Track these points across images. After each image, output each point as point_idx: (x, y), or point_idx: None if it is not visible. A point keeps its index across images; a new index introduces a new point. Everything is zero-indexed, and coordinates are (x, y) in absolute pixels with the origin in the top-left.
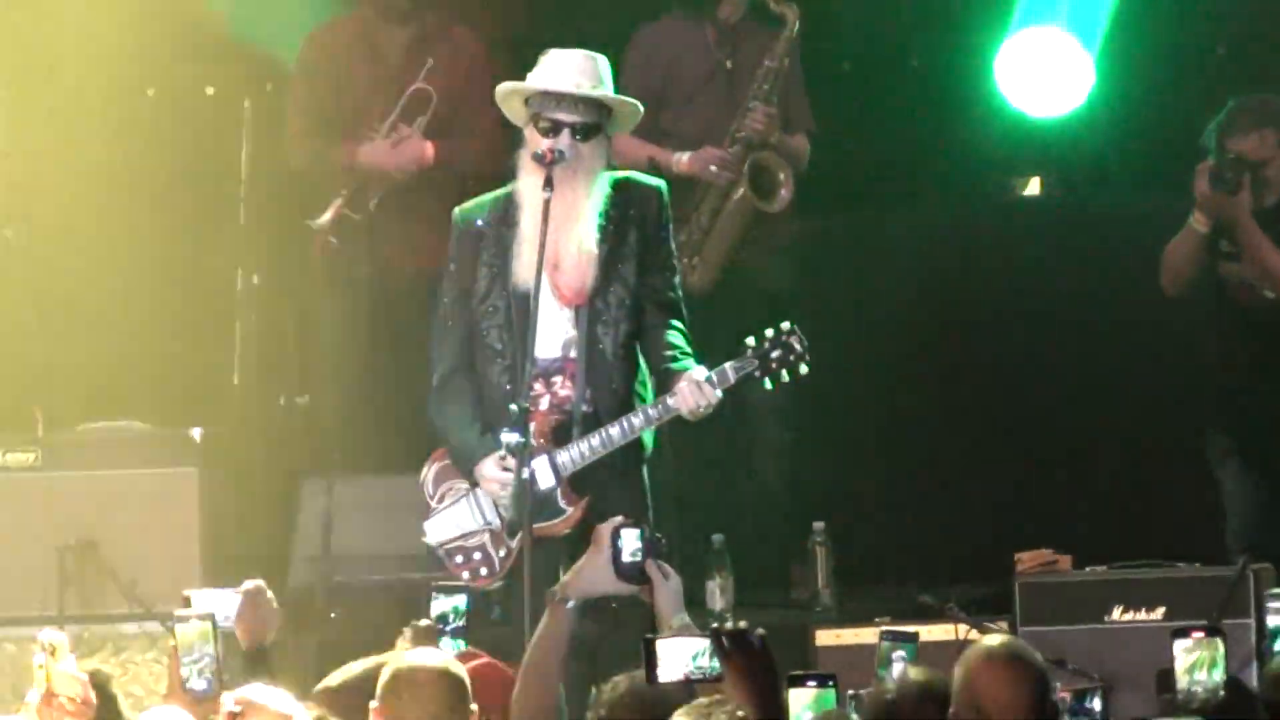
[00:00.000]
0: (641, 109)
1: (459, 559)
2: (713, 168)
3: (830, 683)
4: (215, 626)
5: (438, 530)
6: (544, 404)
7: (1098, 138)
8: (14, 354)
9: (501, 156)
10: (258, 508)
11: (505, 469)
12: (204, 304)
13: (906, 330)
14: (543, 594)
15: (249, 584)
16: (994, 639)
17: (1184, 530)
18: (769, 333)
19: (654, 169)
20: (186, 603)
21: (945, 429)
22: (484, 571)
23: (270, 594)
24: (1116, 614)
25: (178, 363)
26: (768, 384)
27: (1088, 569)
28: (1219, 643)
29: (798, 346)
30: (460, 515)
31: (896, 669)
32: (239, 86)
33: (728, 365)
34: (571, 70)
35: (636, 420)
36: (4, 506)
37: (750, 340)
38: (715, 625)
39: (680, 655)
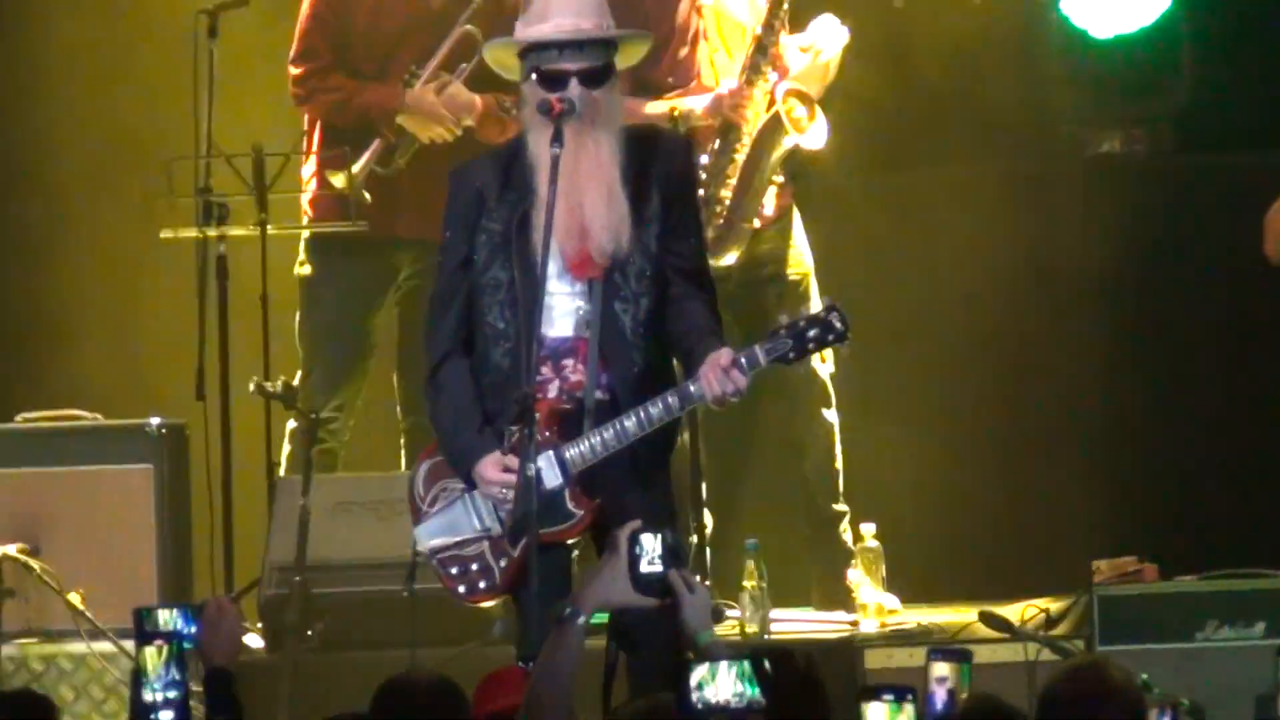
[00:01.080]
0: (650, 38)
1: (454, 569)
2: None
3: (909, 696)
4: (180, 646)
5: (430, 536)
6: (553, 390)
7: (1174, 77)
8: None
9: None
10: (223, 509)
11: (506, 469)
12: (161, 274)
13: (971, 308)
14: (550, 607)
15: (210, 598)
16: (1078, 658)
17: None
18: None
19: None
20: (141, 620)
21: (1013, 419)
22: (483, 584)
23: (237, 608)
24: (1209, 631)
25: (130, 344)
26: (801, 371)
27: (1175, 579)
28: None
29: (838, 325)
30: (455, 520)
31: (940, 697)
32: None
33: (758, 347)
34: (569, 10)
35: (654, 410)
36: None
37: (783, 318)
38: (755, 646)
39: (716, 681)
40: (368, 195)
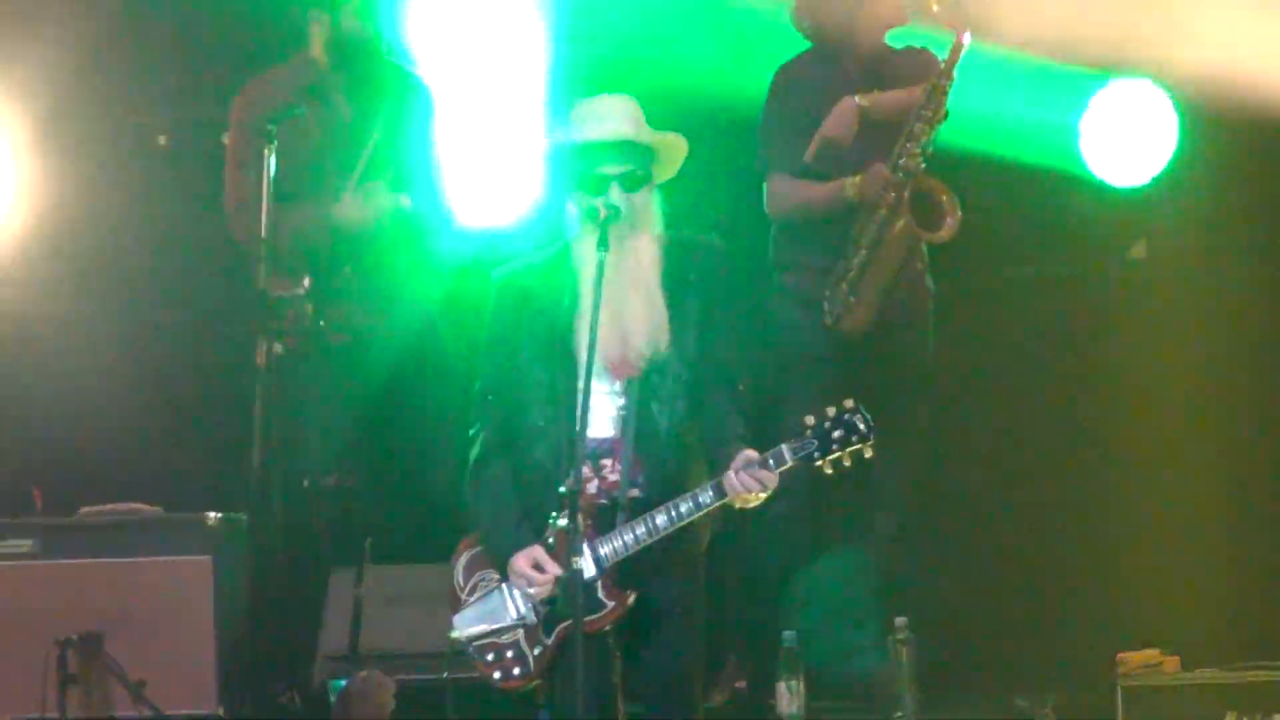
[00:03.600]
0: (685, 144)
1: (490, 656)
2: (881, 190)
3: None
4: None
5: (468, 624)
6: (591, 488)
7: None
8: (10, 428)
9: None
10: (279, 600)
11: (537, 565)
12: (220, 375)
13: (1000, 413)
14: (592, 691)
15: (365, 671)
16: None
17: None
18: (830, 410)
19: (827, 204)
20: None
21: (1041, 520)
22: (516, 671)
23: (389, 684)
24: None
25: (191, 440)
26: (829, 471)
27: (1198, 671)
28: None
29: (861, 426)
30: (493, 608)
31: None
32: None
33: (784, 446)
34: (609, 117)
35: (685, 507)
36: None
37: (809, 419)
38: None
39: None
40: (310, 307)
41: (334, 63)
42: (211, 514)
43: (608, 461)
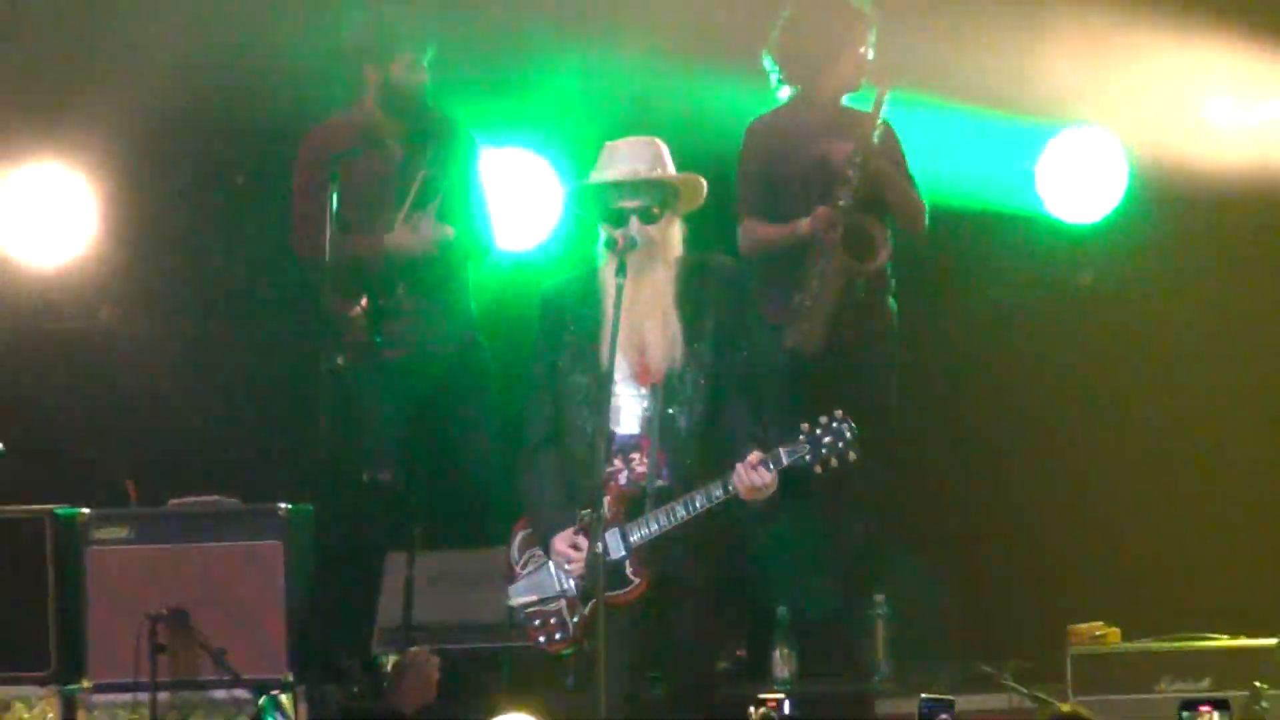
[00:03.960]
0: (703, 183)
1: (536, 622)
2: (824, 227)
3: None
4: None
5: (520, 594)
6: (623, 479)
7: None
8: (111, 433)
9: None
10: (340, 580)
11: (574, 547)
12: (290, 383)
13: (961, 418)
14: (614, 660)
15: (413, 650)
16: (1063, 706)
17: (1229, 602)
18: (822, 418)
19: (784, 242)
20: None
21: (1001, 508)
22: (558, 635)
23: (435, 662)
24: (1164, 684)
25: (265, 440)
26: (819, 470)
27: (1136, 641)
28: (1227, 716)
29: (848, 434)
30: (540, 582)
31: None
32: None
33: (781, 449)
34: (628, 158)
35: (699, 500)
36: (100, 577)
37: (805, 425)
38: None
39: None
40: (364, 328)
41: (387, 110)
42: (282, 505)
43: (636, 455)
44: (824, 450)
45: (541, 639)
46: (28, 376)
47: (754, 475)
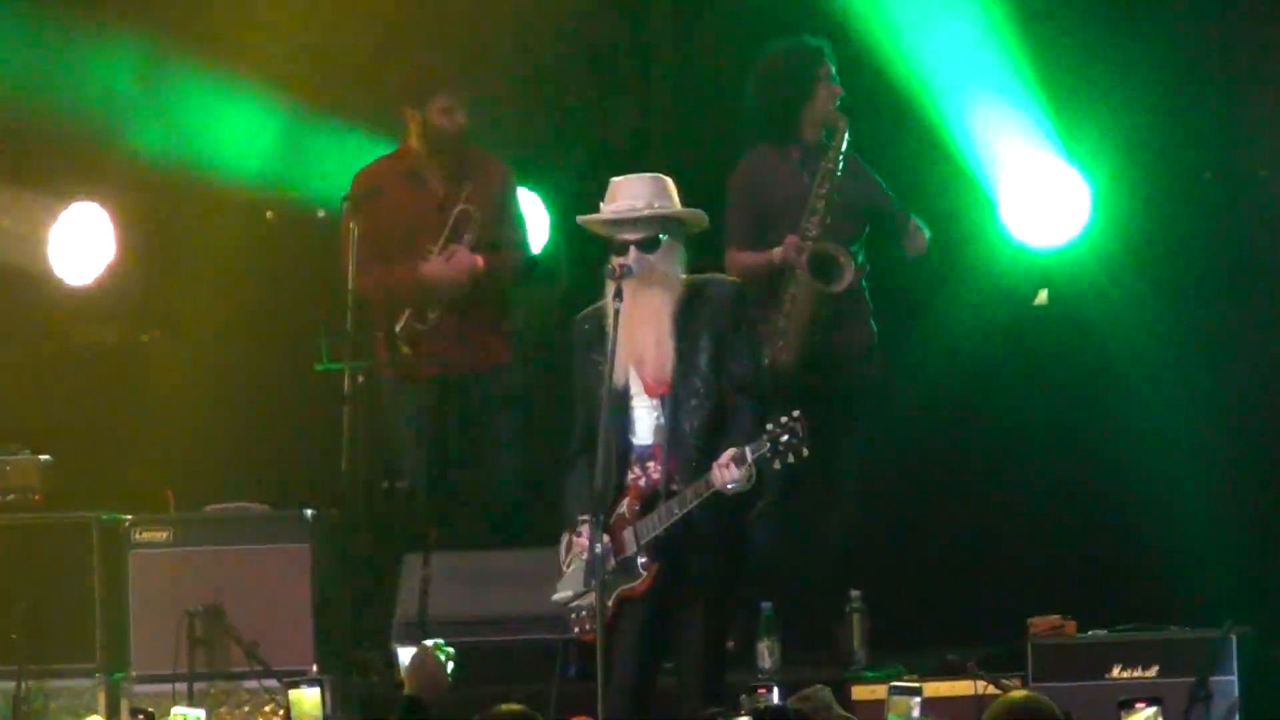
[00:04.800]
0: (702, 215)
1: (574, 615)
2: (793, 254)
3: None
4: (325, 693)
5: (562, 590)
6: (642, 484)
7: (1097, 263)
8: (151, 444)
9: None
10: (363, 580)
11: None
12: (317, 400)
13: (935, 424)
14: (616, 649)
15: (426, 642)
16: (1017, 693)
17: (1176, 595)
18: (782, 419)
19: (760, 269)
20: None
21: (967, 511)
22: (589, 626)
23: (442, 654)
24: (1116, 672)
25: (293, 451)
26: (776, 465)
27: (1091, 632)
28: (1157, 713)
29: (801, 432)
30: (577, 578)
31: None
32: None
33: (746, 447)
34: (628, 195)
35: (688, 494)
36: (141, 577)
37: (770, 426)
38: (756, 706)
39: None
40: (406, 348)
41: (427, 150)
42: (309, 510)
43: (651, 463)
44: (780, 447)
45: (577, 630)
46: (75, 394)
47: (726, 472)
